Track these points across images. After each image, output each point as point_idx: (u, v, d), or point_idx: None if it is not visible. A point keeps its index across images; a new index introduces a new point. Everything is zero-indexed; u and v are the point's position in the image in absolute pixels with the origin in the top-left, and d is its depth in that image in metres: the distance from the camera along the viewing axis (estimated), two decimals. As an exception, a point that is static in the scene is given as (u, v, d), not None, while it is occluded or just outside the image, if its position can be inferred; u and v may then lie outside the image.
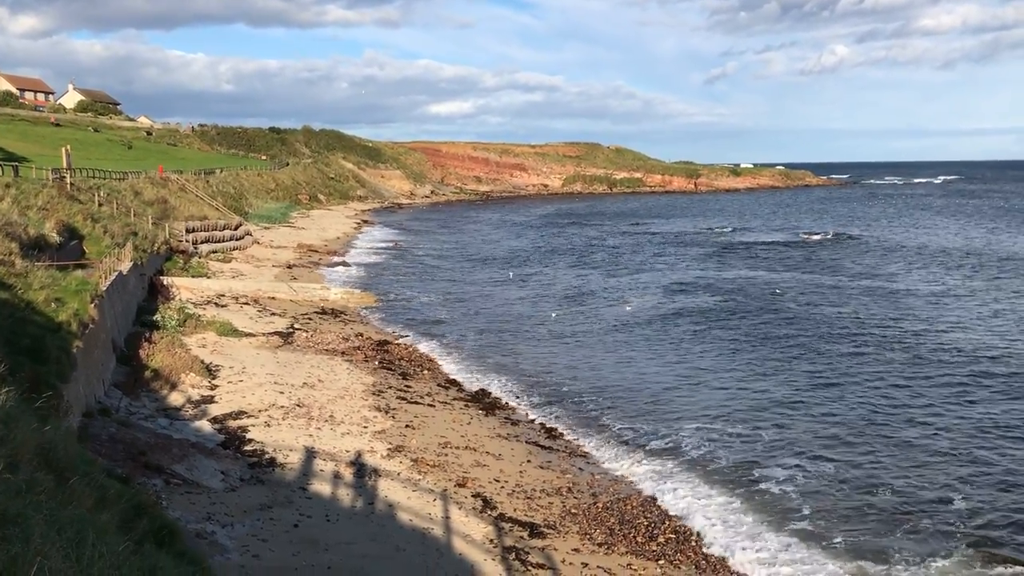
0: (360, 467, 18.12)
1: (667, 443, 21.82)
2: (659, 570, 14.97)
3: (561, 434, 22.62)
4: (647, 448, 21.48)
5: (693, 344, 33.61)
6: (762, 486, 18.90)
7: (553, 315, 40.39)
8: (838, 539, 16.29)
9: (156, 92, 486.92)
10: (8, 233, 21.27)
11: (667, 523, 16.98)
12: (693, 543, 16.16)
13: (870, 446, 21.40)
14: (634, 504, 17.90)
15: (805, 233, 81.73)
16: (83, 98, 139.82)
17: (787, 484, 18.99)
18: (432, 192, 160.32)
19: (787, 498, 18.26)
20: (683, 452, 21.17)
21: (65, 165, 43.72)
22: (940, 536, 16.41)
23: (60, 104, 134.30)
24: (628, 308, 41.82)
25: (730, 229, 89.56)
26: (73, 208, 32.85)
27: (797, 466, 20.03)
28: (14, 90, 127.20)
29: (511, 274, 54.66)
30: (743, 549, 15.90)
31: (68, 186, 37.92)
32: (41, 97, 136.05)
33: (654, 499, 18.25)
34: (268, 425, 20.50)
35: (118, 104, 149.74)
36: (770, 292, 45.85)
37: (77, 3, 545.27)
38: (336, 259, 60.26)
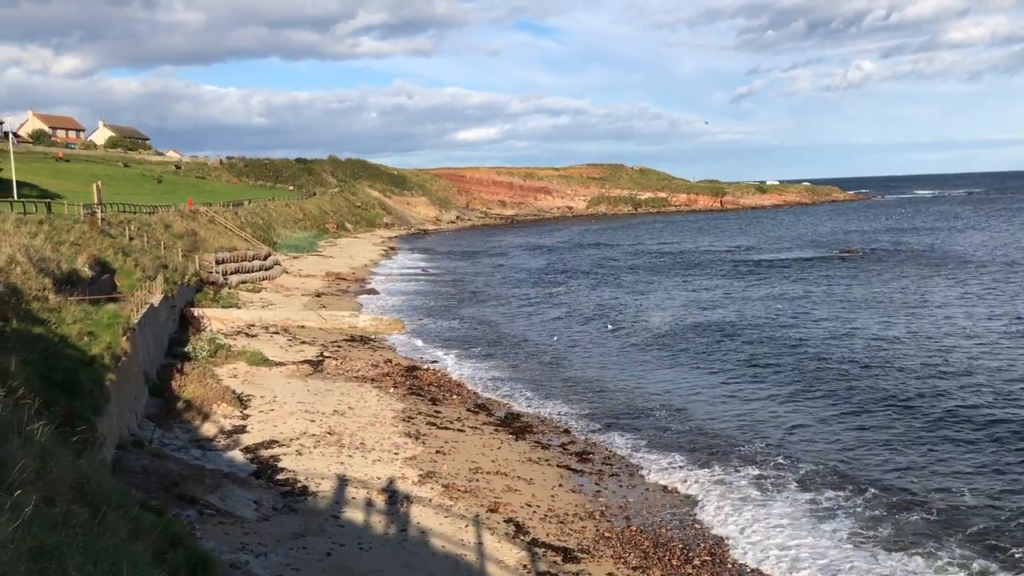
0: (392, 494, 18.09)
1: (701, 464, 21.62)
2: (696, 593, 14.77)
3: (592, 457, 22.45)
4: (680, 470, 21.28)
5: (723, 364, 33.33)
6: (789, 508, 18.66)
7: (557, 336, 40.31)
8: (874, 543, 16.01)
9: (189, 126, 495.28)
10: (41, 269, 21.56)
11: (702, 545, 16.76)
12: (729, 565, 15.95)
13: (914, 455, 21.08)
14: (668, 527, 17.70)
15: (832, 248, 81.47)
16: (113, 134, 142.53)
17: (826, 499, 18.74)
18: (457, 217, 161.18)
19: (826, 513, 18.00)
20: (717, 474, 20.95)
21: (96, 200, 44.45)
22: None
23: (91, 141, 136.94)
24: (657, 326, 41.60)
25: (754, 246, 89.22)
26: (104, 242, 33.32)
27: (837, 485, 19.76)
28: (47, 128, 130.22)
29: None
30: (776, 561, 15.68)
31: (99, 221, 38.48)
32: (72, 135, 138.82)
33: (688, 521, 18.05)
34: (300, 453, 20.55)
35: (147, 139, 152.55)
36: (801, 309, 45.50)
37: (120, 43, 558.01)
38: (364, 286, 60.59)
